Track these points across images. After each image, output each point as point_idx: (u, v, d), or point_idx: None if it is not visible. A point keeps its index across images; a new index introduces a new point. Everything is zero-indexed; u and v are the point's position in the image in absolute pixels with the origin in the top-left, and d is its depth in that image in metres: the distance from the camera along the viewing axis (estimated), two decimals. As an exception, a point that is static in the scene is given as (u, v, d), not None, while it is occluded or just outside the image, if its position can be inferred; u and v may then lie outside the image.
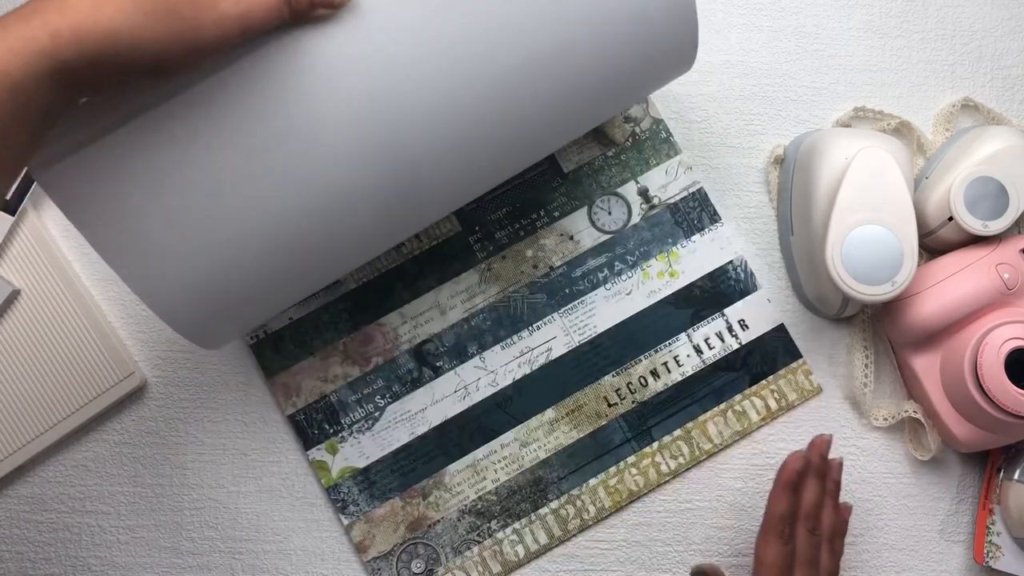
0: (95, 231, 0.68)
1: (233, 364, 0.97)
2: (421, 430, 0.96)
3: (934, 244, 0.95)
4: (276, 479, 0.96)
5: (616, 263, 0.98)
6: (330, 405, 0.96)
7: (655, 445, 0.97)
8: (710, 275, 0.99)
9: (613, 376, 0.97)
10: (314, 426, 0.96)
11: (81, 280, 0.96)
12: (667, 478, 0.96)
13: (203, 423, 0.96)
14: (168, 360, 0.97)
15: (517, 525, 0.96)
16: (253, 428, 0.96)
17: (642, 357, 0.98)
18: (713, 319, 0.98)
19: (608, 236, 0.98)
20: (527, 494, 0.96)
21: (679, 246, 0.99)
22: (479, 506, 0.96)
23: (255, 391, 0.97)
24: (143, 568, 0.95)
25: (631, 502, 0.96)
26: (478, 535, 0.95)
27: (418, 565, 0.95)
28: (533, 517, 0.96)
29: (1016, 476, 0.92)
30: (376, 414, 0.96)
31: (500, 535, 0.96)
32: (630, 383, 0.97)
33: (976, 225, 0.90)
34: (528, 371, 0.97)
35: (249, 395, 0.97)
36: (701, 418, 0.97)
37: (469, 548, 0.95)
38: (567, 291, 0.98)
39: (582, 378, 0.98)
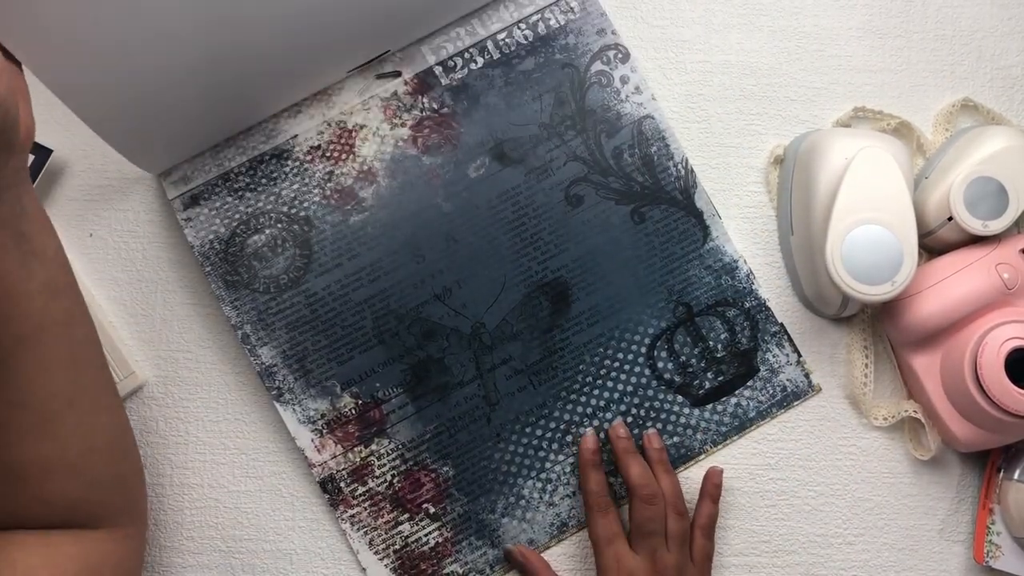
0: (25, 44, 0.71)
1: (233, 364, 0.97)
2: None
3: (934, 244, 0.95)
4: (276, 479, 0.96)
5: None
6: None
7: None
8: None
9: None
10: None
11: (81, 280, 0.96)
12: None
13: (203, 423, 0.96)
14: (168, 360, 0.97)
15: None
16: (253, 428, 0.96)
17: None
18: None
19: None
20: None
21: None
22: None
23: (255, 391, 0.97)
24: (143, 567, 0.94)
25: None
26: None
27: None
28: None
29: (1016, 476, 0.92)
30: None
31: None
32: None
33: (976, 225, 0.90)
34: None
35: (249, 395, 0.97)
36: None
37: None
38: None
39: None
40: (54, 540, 0.76)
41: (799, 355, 0.98)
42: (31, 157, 0.93)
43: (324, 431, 0.95)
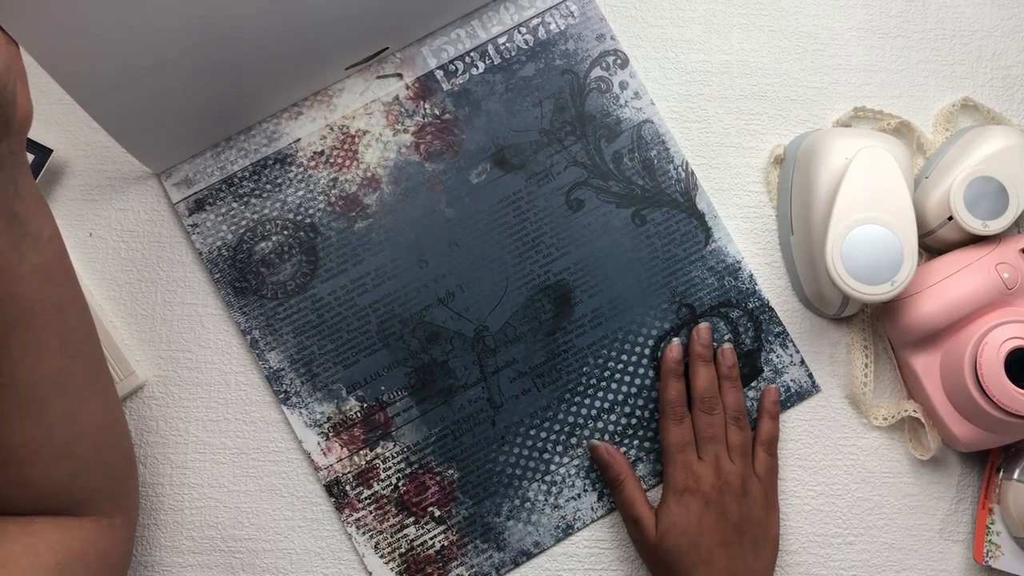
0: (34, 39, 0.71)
1: (233, 364, 0.97)
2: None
3: (934, 244, 0.96)
4: (276, 478, 0.96)
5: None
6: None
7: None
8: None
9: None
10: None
11: (81, 280, 0.96)
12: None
13: (203, 423, 0.96)
14: (168, 360, 0.97)
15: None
16: (253, 428, 0.96)
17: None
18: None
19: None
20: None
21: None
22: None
23: (255, 391, 0.97)
24: (143, 567, 0.95)
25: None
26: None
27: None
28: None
29: (1016, 476, 0.93)
30: None
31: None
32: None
33: (976, 225, 0.90)
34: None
35: (249, 395, 0.97)
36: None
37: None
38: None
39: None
40: (36, 528, 0.76)
41: (803, 356, 0.98)
42: (31, 156, 0.93)
43: (330, 434, 0.95)
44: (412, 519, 0.95)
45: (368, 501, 0.95)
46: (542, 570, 0.96)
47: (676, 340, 0.96)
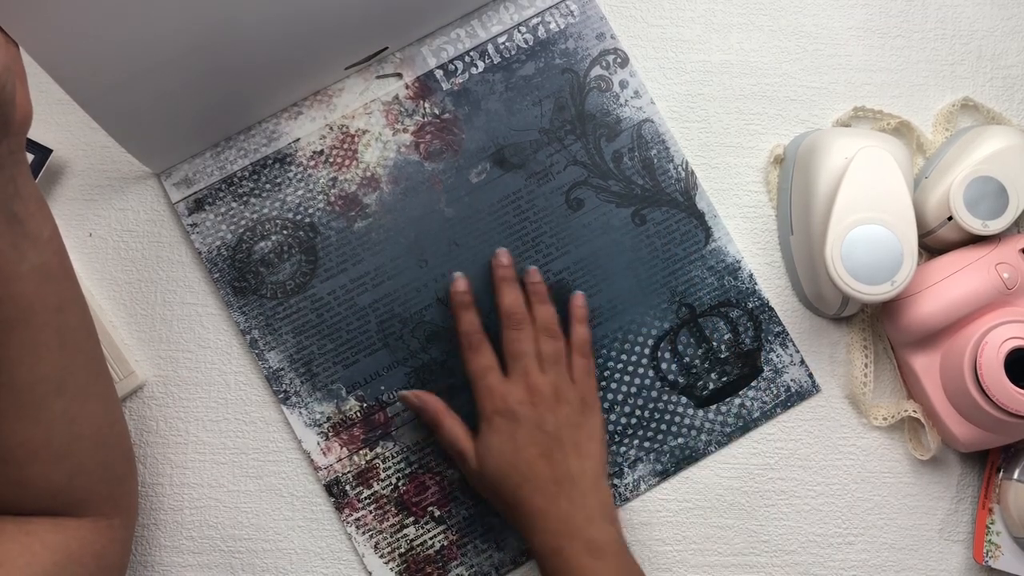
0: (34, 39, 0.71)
1: (233, 364, 0.97)
2: None
3: (934, 244, 0.96)
4: (276, 478, 0.96)
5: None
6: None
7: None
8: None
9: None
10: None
11: (81, 280, 0.95)
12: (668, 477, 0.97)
13: (203, 422, 0.96)
14: (168, 360, 0.97)
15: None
16: (253, 428, 0.96)
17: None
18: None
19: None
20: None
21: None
22: None
23: (255, 391, 0.97)
24: (143, 567, 0.95)
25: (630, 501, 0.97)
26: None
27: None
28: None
29: (1016, 475, 0.93)
30: None
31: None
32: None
33: (976, 225, 0.90)
34: None
35: (249, 395, 0.97)
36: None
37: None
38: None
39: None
40: (33, 527, 0.76)
41: (803, 355, 0.98)
42: (31, 156, 0.93)
43: (330, 434, 0.95)
44: (412, 519, 0.95)
45: (368, 501, 0.95)
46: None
47: (458, 273, 0.95)
